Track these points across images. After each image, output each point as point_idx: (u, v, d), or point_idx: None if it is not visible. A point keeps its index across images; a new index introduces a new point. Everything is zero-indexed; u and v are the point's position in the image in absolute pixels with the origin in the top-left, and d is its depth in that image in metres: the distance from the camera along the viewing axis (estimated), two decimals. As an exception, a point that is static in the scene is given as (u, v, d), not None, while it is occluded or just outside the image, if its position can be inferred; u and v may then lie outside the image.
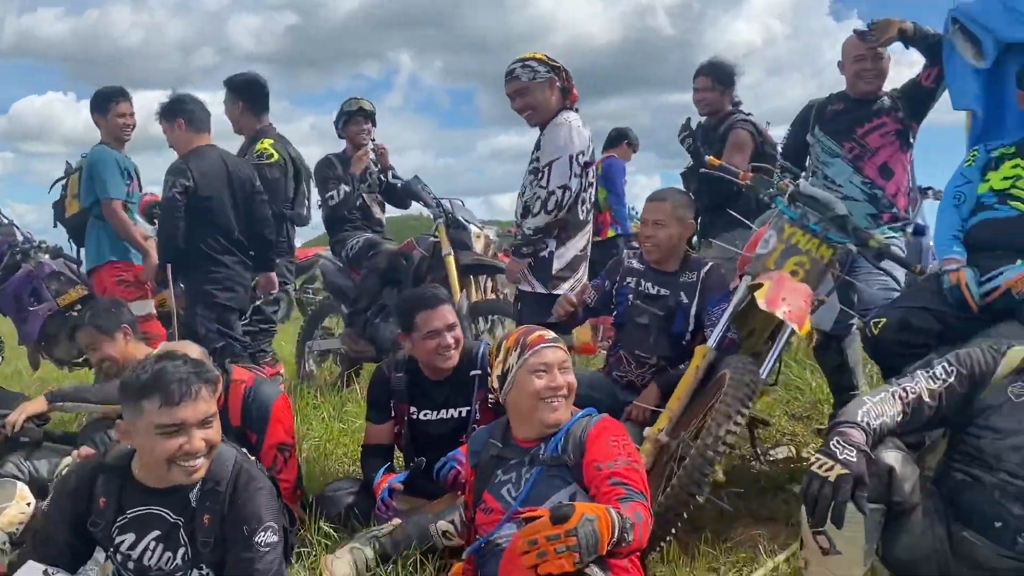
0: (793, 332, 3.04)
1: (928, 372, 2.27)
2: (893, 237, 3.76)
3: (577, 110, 3.85)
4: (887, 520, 2.15)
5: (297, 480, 3.20)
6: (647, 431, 2.93)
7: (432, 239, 5.02)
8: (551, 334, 2.46)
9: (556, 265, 3.74)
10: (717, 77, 4.62)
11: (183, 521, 2.15)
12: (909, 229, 3.93)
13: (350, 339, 5.10)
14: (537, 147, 3.82)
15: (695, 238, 4.55)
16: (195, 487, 2.15)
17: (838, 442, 2.00)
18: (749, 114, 4.63)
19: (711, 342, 3.06)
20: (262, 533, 2.11)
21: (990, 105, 3.51)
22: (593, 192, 3.86)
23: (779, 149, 4.37)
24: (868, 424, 2.08)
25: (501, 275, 5.06)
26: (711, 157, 3.48)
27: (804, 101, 4.13)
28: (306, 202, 5.11)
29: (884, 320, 3.01)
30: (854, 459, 1.96)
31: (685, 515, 2.64)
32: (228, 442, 2.28)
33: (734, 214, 3.61)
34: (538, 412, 2.35)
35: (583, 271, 3.86)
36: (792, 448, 3.81)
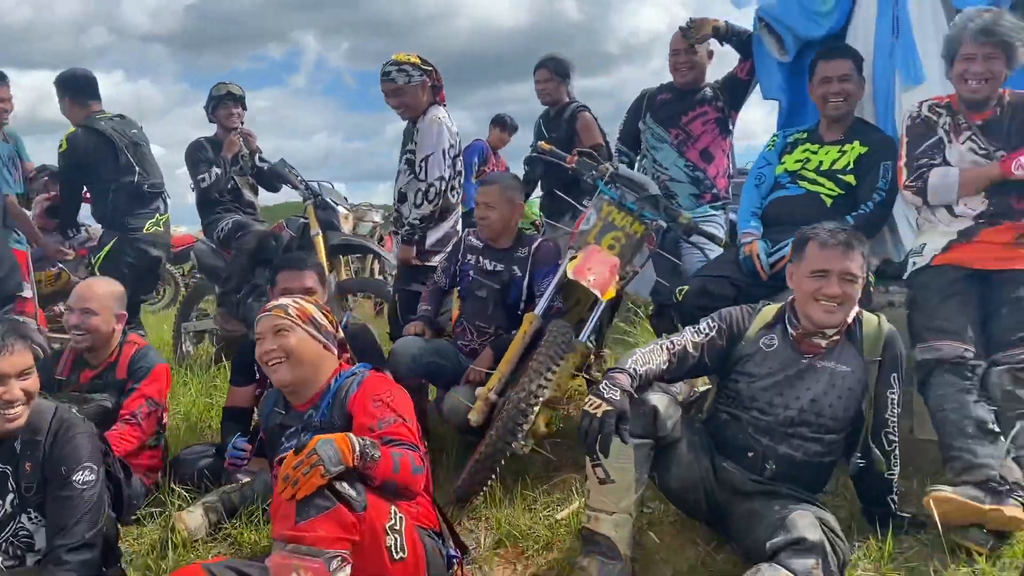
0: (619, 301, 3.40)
1: (695, 328, 2.64)
2: (714, 215, 4.19)
3: (445, 105, 4.18)
4: (658, 454, 2.52)
5: (156, 438, 3.34)
6: (478, 391, 3.23)
7: (302, 220, 5.20)
8: (271, 303, 2.60)
9: (429, 240, 4.07)
10: (555, 69, 4.96)
11: (10, 469, 2.32)
12: (730, 207, 4.35)
13: (222, 319, 5.24)
14: (410, 139, 4.15)
15: (542, 217, 4.92)
16: (19, 437, 2.32)
17: (606, 385, 2.34)
18: (585, 105, 4.99)
19: (538, 310, 3.37)
20: (79, 472, 2.28)
21: (793, 95, 3.96)
22: (461, 179, 4.17)
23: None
24: (635, 370, 2.42)
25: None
26: (542, 143, 3.80)
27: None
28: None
29: (687, 288, 3.40)
30: (618, 398, 2.30)
31: (503, 462, 2.96)
32: (54, 399, 2.47)
33: (561, 195, 3.97)
34: (269, 376, 2.56)
35: (452, 245, 4.15)
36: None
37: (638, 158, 4.42)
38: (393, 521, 2.15)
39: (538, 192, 5.25)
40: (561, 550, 2.71)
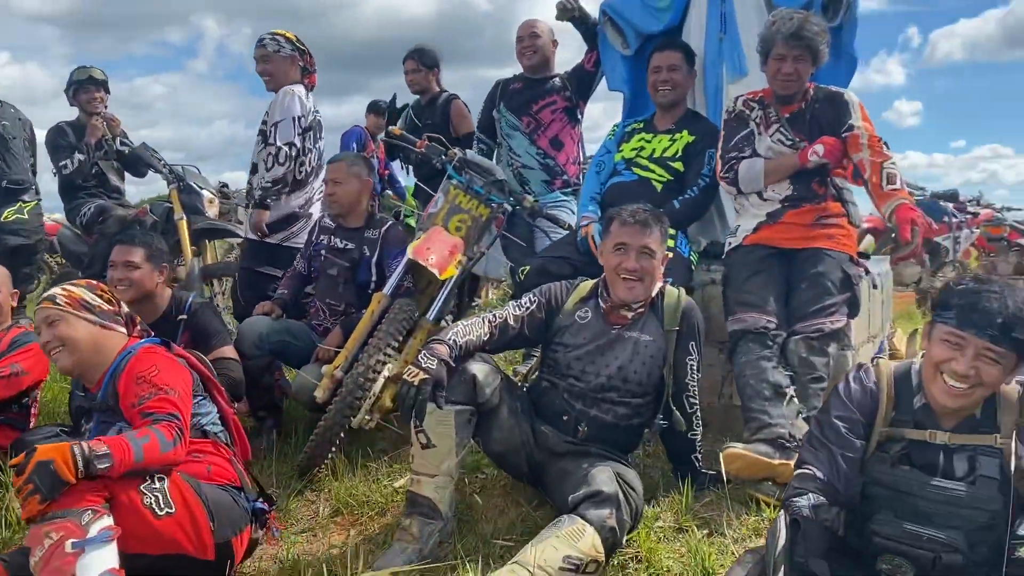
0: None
1: (517, 302, 2.82)
2: (565, 200, 4.39)
3: (311, 90, 4.25)
4: (480, 420, 2.68)
5: (21, 415, 3.29)
6: (325, 368, 3.33)
7: (166, 205, 5.17)
8: (45, 295, 2.54)
9: (272, 214, 4.10)
10: (422, 60, 5.10)
11: None
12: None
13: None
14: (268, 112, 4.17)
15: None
16: None
17: (424, 355, 2.49)
18: (456, 93, 5.15)
19: (386, 289, 3.49)
20: None
21: (635, 87, 4.18)
22: (315, 157, 4.22)
23: None
24: (455, 341, 2.58)
25: None
26: (393, 128, 3.92)
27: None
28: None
29: (528, 268, 3.58)
30: (435, 367, 2.45)
31: (342, 435, 3.08)
32: None
33: (420, 184, 4.11)
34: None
35: (299, 227, 4.20)
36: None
37: (496, 146, 4.59)
38: (149, 481, 2.18)
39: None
40: (395, 515, 2.85)
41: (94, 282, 2.59)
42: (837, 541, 1.97)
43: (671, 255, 3.35)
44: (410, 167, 5.42)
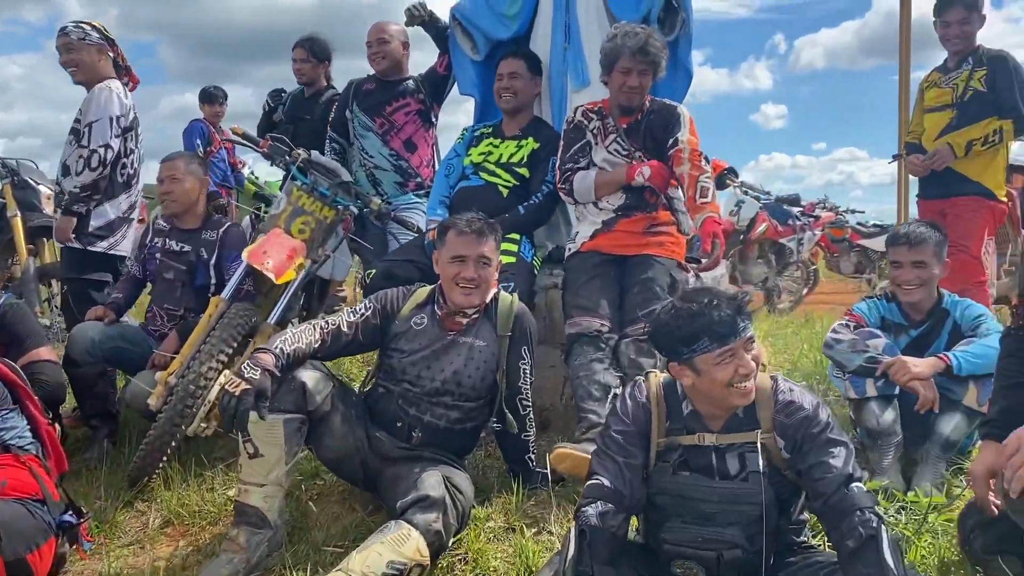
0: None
1: (352, 308, 2.82)
2: (418, 202, 4.41)
3: (128, 87, 4.07)
4: (313, 427, 2.67)
5: None
6: (158, 375, 3.23)
7: (-1, 200, 4.89)
8: None
9: (93, 223, 3.93)
10: (312, 50, 4.99)
11: None
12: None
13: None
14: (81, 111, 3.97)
15: None
16: None
17: (248, 364, 2.46)
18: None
19: (225, 293, 3.42)
20: None
21: (486, 91, 4.23)
22: (137, 158, 4.06)
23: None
24: (282, 350, 2.56)
25: None
26: (234, 126, 3.82)
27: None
28: None
29: (374, 271, 3.58)
30: (257, 377, 2.43)
31: (174, 443, 3.00)
32: None
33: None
34: None
35: (122, 235, 4.04)
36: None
37: (349, 146, 4.55)
38: None
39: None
40: (227, 525, 2.80)
41: None
42: (636, 548, 2.08)
43: (514, 260, 3.44)
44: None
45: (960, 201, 4.17)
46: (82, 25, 3.94)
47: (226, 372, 3.10)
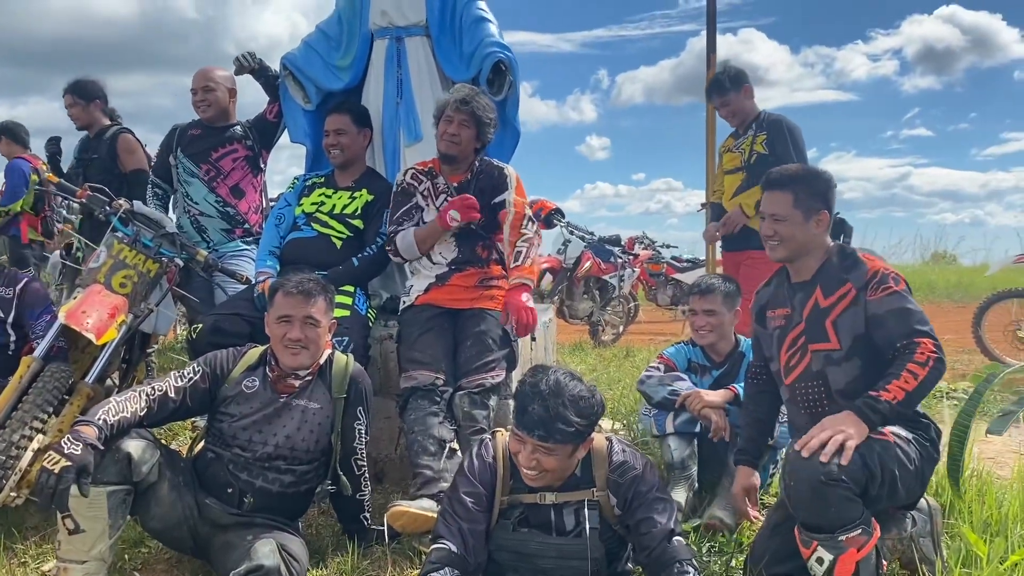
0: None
1: (179, 372, 2.76)
2: (246, 249, 4.33)
3: None
4: (139, 496, 2.58)
5: None
6: (-39, 443, 3.00)
7: None
8: None
9: None
10: (79, 94, 4.81)
11: None
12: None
13: None
14: None
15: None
16: None
17: (69, 439, 2.35)
18: (127, 127, 4.88)
19: (37, 353, 3.22)
20: None
21: (317, 140, 4.22)
22: None
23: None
24: (105, 421, 2.46)
25: None
26: (49, 174, 3.64)
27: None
28: None
29: (200, 325, 3.49)
30: (78, 452, 2.32)
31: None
32: None
33: (72, 232, 3.84)
34: None
35: None
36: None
37: (172, 192, 4.42)
38: None
39: None
40: (41, 605, 2.65)
41: None
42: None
43: (348, 313, 3.46)
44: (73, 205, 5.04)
45: (753, 254, 4.59)
46: None
47: (39, 439, 2.95)
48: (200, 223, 4.26)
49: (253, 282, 3.67)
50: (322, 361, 2.84)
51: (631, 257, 9.13)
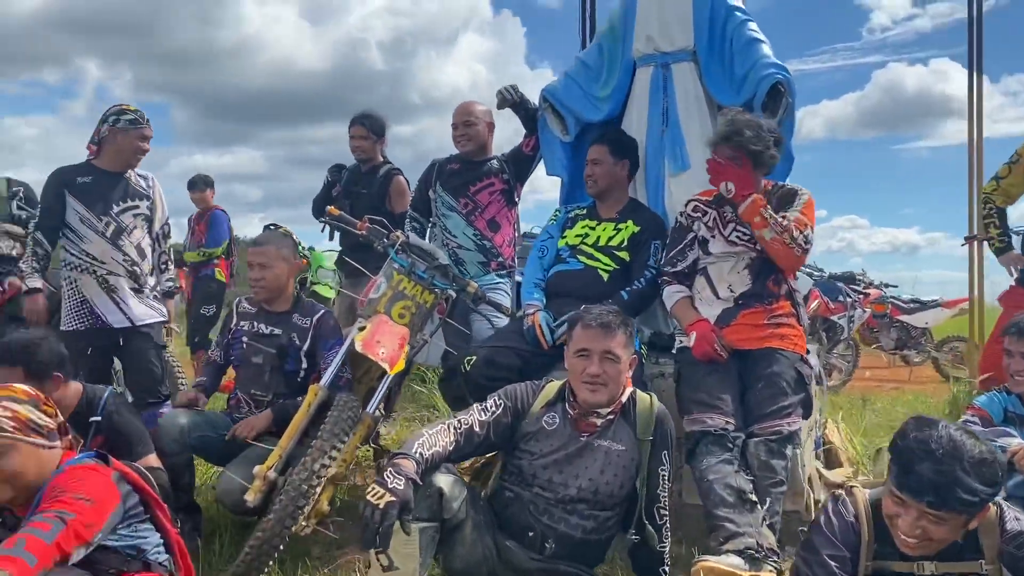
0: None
1: (482, 406, 2.67)
2: (500, 282, 4.29)
3: None
4: (442, 535, 2.49)
5: None
6: (256, 469, 3.04)
7: (63, 274, 4.76)
8: None
9: None
10: (371, 128, 4.99)
11: None
12: (516, 274, 4.48)
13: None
14: None
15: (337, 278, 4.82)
16: None
17: (391, 472, 2.30)
18: (399, 168, 5.04)
19: (324, 381, 3.26)
20: None
21: (574, 172, 4.15)
22: None
23: None
24: (421, 455, 2.40)
25: None
26: (331, 208, 3.73)
27: (502, 140, 4.58)
28: None
29: (474, 358, 3.43)
30: (402, 487, 2.26)
31: (282, 546, 2.81)
32: None
33: (350, 261, 3.93)
34: None
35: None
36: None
37: (429, 225, 4.46)
38: None
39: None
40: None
41: (32, 391, 2.26)
42: None
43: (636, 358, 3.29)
44: (335, 234, 5.21)
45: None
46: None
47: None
48: (458, 256, 4.26)
49: (521, 314, 3.59)
50: (624, 399, 2.67)
51: (861, 296, 8.49)
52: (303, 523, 2.89)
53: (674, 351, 3.40)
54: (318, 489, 2.89)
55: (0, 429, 2.10)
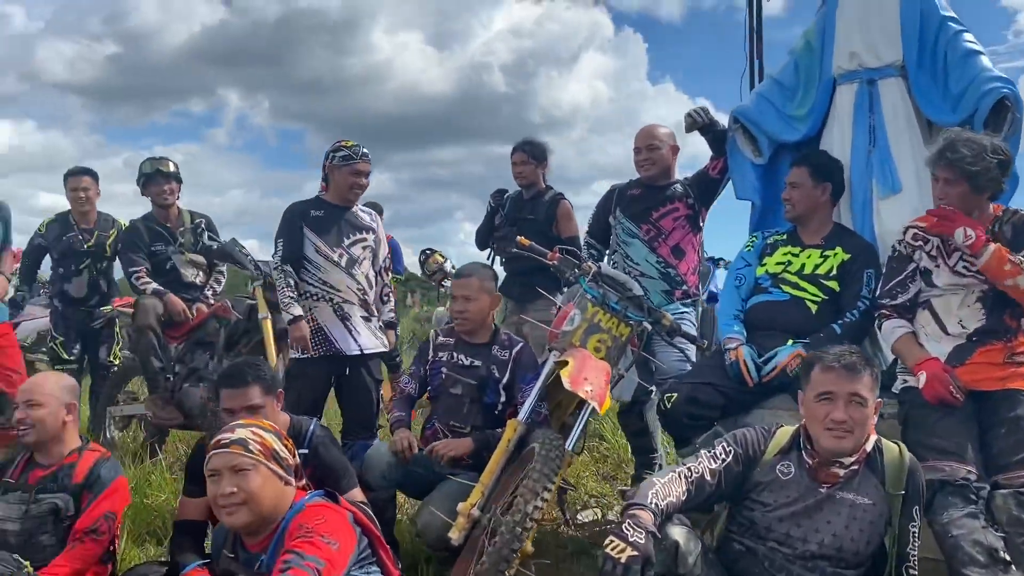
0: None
1: (710, 452, 2.51)
2: (685, 312, 4.12)
3: None
4: (674, 591, 2.35)
5: (107, 554, 2.98)
6: (460, 506, 2.98)
7: (249, 301, 4.91)
8: (227, 436, 2.31)
9: None
10: (532, 154, 4.97)
11: None
12: (702, 299, 4.31)
13: (155, 404, 4.86)
14: None
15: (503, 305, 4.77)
16: None
17: (629, 524, 2.18)
18: (562, 192, 5.01)
19: (521, 416, 3.18)
20: None
21: (766, 196, 3.95)
22: None
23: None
24: (656, 505, 2.27)
25: None
26: (521, 238, 3.66)
27: (624, 158, 4.49)
28: None
29: (675, 395, 3.28)
30: (643, 541, 2.14)
31: (495, 588, 2.74)
32: None
33: (541, 291, 3.87)
34: (221, 519, 2.33)
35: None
36: (598, 511, 4.03)
37: (608, 252, 4.35)
38: None
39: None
40: None
41: (276, 427, 2.32)
42: None
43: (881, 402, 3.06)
44: (500, 259, 5.20)
45: None
46: None
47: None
48: (641, 284, 4.10)
49: (722, 349, 3.42)
50: (868, 447, 2.46)
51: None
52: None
53: (895, 390, 3.15)
54: (531, 531, 2.80)
55: (246, 449, 2.18)
